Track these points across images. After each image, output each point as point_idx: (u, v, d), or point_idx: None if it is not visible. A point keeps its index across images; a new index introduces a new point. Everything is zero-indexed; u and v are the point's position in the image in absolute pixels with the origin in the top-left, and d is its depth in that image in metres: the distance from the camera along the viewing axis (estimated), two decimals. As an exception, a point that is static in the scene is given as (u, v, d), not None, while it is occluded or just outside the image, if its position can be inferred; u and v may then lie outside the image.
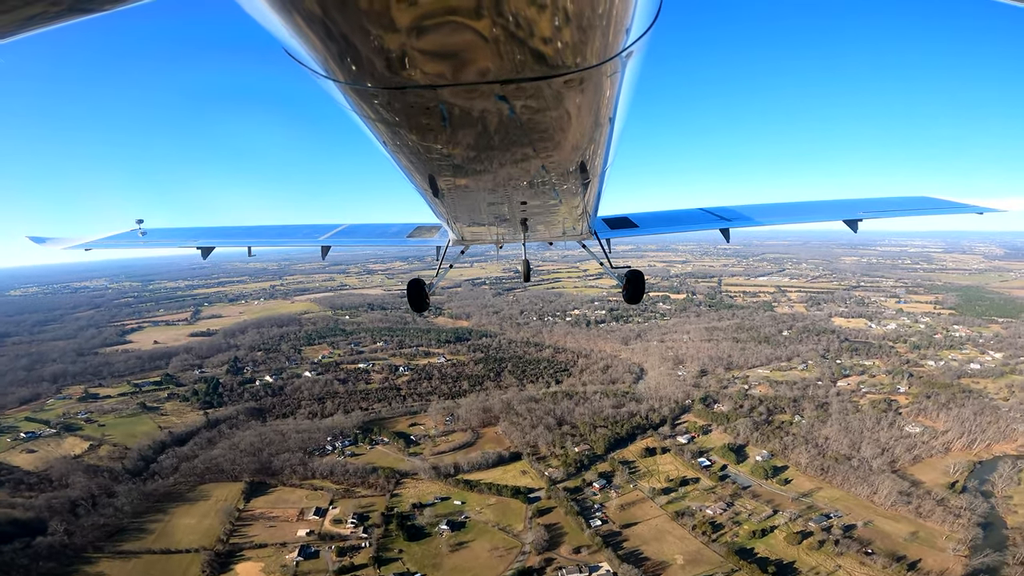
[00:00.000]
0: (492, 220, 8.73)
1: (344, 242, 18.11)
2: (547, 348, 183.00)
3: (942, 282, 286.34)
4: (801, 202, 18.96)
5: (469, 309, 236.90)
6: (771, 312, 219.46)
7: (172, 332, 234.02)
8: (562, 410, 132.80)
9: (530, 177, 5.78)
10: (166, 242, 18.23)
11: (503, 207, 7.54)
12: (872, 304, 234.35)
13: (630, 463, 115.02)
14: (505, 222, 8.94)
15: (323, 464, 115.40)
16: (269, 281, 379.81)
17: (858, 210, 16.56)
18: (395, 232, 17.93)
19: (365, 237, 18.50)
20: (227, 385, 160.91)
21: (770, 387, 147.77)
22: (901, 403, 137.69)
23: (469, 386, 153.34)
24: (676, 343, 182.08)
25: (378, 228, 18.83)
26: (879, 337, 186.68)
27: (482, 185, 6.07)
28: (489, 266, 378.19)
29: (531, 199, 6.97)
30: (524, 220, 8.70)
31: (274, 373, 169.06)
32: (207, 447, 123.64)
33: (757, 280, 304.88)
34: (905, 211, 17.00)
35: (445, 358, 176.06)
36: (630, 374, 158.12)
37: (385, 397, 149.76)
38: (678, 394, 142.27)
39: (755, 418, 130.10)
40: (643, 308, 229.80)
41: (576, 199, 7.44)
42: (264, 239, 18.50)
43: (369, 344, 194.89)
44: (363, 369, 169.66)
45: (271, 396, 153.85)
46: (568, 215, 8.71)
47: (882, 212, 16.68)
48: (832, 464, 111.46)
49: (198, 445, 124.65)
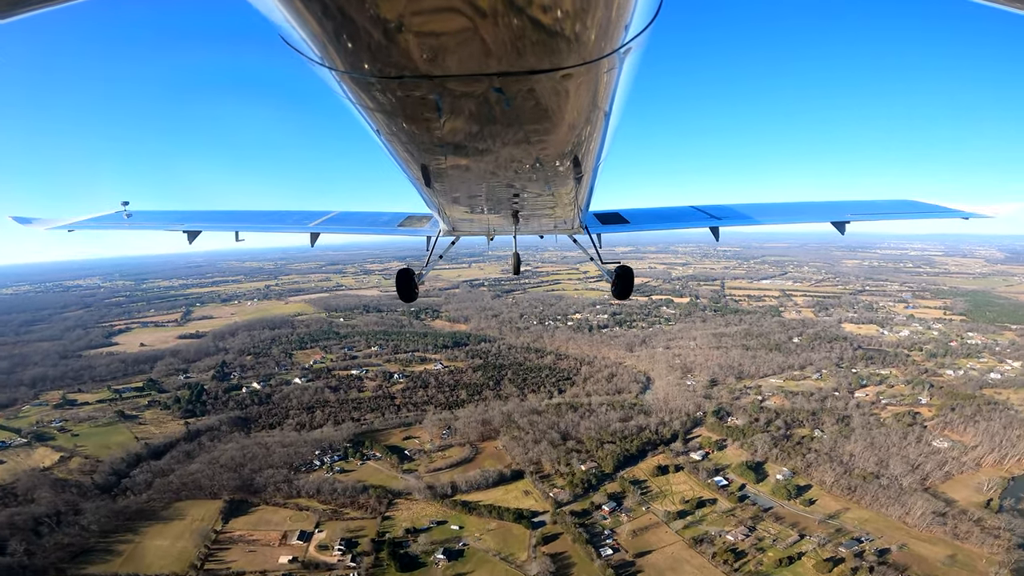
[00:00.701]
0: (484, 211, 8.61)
1: (334, 229, 17.60)
2: (548, 354, 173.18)
3: (947, 286, 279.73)
4: (790, 203, 18.71)
5: (467, 312, 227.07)
6: (779, 318, 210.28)
7: (160, 334, 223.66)
8: (567, 423, 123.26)
9: (523, 169, 5.67)
10: (151, 224, 17.77)
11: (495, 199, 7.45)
12: (881, 309, 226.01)
13: (641, 483, 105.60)
14: (497, 214, 8.82)
15: (309, 481, 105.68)
16: (264, 281, 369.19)
17: (846, 212, 16.47)
18: (386, 221, 17.56)
19: (356, 225, 17.91)
20: (212, 392, 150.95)
21: (785, 398, 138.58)
22: (925, 416, 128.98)
23: (467, 395, 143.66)
24: (683, 350, 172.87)
25: (369, 216, 18.39)
26: (893, 344, 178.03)
27: (475, 176, 5.97)
28: (487, 267, 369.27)
29: (523, 191, 6.94)
30: (516, 212, 8.62)
31: (262, 379, 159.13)
32: (185, 461, 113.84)
33: (760, 283, 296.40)
34: (892, 214, 16.70)
35: (442, 365, 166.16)
36: (636, 383, 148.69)
37: (378, 407, 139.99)
38: (689, 406, 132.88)
39: (773, 433, 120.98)
40: (646, 312, 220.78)
41: (568, 193, 7.35)
42: (253, 224, 17.94)
43: (363, 349, 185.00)
44: (356, 376, 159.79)
45: (258, 404, 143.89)
46: (560, 208, 8.60)
47: (869, 215, 16.49)
48: (859, 483, 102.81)
49: (175, 459, 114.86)
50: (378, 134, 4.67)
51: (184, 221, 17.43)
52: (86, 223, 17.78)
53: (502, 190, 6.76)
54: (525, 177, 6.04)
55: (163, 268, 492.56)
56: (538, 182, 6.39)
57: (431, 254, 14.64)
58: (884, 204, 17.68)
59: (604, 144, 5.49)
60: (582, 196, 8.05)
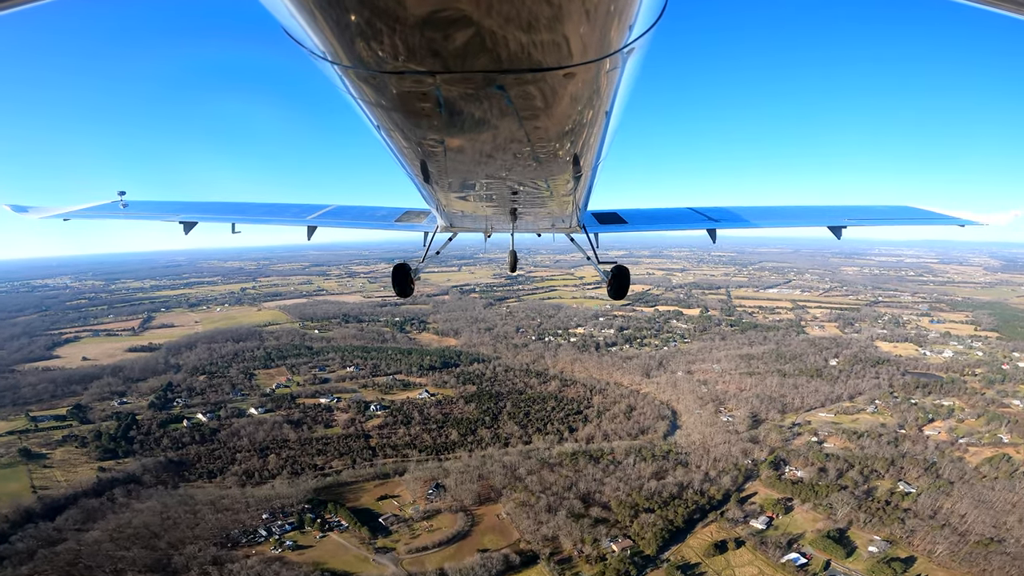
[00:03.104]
0: (481, 208, 8.37)
1: (331, 223, 17.00)
2: (552, 379, 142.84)
3: (960, 297, 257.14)
4: (788, 206, 17.97)
5: (457, 323, 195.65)
6: (804, 335, 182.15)
7: (110, 345, 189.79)
8: (587, 482, 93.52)
9: (522, 167, 5.52)
10: (147, 214, 16.85)
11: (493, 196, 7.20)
12: (908, 324, 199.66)
13: (694, 568, 76.35)
14: (494, 211, 8.61)
15: (249, 565, 75.36)
16: (242, 283, 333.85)
17: (843, 217, 15.69)
18: (383, 215, 16.73)
19: (353, 219, 17.20)
20: (145, 425, 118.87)
21: (847, 439, 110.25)
22: (1017, 458, 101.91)
23: (459, 436, 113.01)
24: (708, 375, 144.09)
25: (366, 211, 17.55)
26: (940, 367, 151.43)
27: (473, 173, 5.84)
28: (478, 270, 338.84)
29: (522, 189, 6.72)
30: (513, 210, 8.39)
31: (210, 409, 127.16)
32: (84, 524, 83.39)
33: (767, 292, 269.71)
34: (889, 220, 16.26)
35: (428, 393, 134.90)
36: (662, 420, 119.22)
37: (349, 450, 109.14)
38: (733, 451, 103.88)
39: (850, 488, 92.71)
40: (656, 327, 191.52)
41: (567, 192, 7.14)
42: (249, 216, 17.14)
43: (337, 369, 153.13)
44: (324, 406, 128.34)
45: (199, 443, 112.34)
46: (558, 207, 8.30)
47: (866, 220, 15.99)
48: (979, 552, 75.84)
49: (74, 520, 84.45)
50: (378, 129, 4.51)
51: (180, 212, 16.81)
52: (82, 212, 17.21)
53: (500, 187, 6.51)
54: (524, 175, 5.87)
55: (139, 267, 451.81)
56: (536, 180, 6.23)
57: (428, 250, 14.15)
58: (881, 210, 17.20)
59: (604, 143, 5.32)
60: (580, 195, 7.75)
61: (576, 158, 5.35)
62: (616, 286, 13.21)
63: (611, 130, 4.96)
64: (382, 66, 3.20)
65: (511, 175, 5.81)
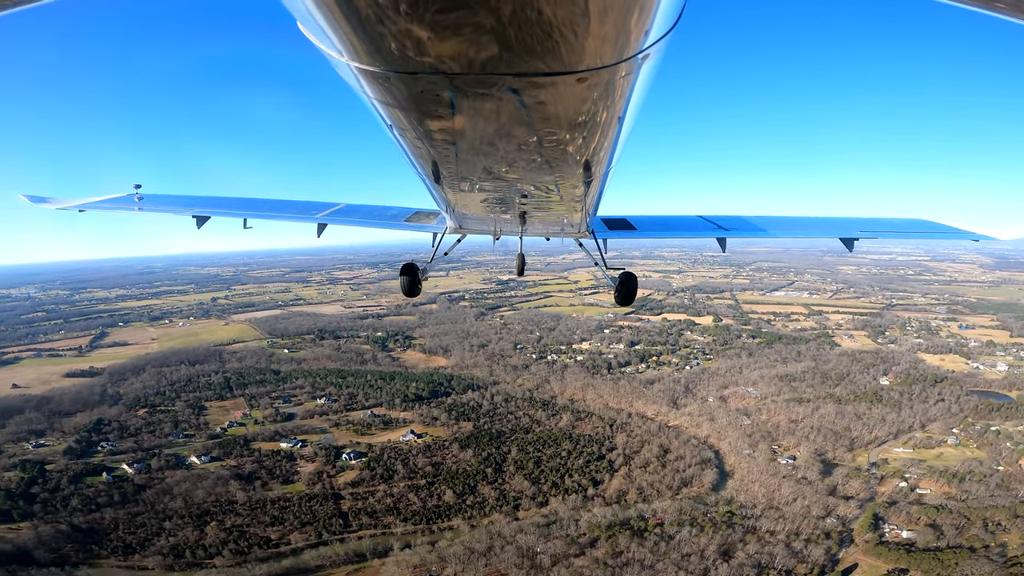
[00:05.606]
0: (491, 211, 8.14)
1: (341, 221, 16.37)
2: (562, 410, 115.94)
3: (974, 298, 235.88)
4: (800, 217, 17.19)
5: (447, 340, 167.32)
6: (838, 347, 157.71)
7: (50, 368, 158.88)
8: (635, 570, 66.84)
9: (533, 171, 5.40)
10: (161, 208, 16.43)
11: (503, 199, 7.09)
12: (943, 332, 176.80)
13: None
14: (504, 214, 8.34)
15: None
16: (213, 292, 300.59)
17: (855, 229, 15.00)
18: (393, 215, 16.21)
19: (363, 218, 16.52)
20: (54, 478, 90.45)
21: (945, 482, 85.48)
22: None
23: (454, 496, 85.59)
24: (746, 401, 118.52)
25: (377, 209, 17.03)
26: (1001, 384, 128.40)
27: (484, 175, 5.71)
28: (467, 275, 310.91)
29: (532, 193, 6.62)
30: (523, 213, 8.15)
31: (141, 457, 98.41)
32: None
33: (775, 296, 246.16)
34: (902, 233, 15.42)
35: (414, 433, 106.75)
36: (706, 465, 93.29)
37: (313, 517, 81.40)
38: (813, 509, 78.24)
39: (980, 550, 67.73)
40: (671, 341, 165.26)
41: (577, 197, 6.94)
42: (260, 212, 16.49)
43: (305, 401, 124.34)
44: (286, 453, 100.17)
45: (118, 504, 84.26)
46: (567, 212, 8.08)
47: (880, 232, 15.10)
48: None
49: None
50: (391, 128, 4.43)
51: (193, 206, 16.22)
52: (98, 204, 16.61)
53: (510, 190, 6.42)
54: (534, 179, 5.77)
55: (111, 275, 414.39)
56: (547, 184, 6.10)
57: (436, 250, 13.61)
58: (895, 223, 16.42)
59: (616, 149, 5.17)
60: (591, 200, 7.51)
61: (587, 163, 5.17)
62: (624, 293, 12.61)
63: (623, 135, 4.77)
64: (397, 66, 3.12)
65: (522, 179, 5.68)
